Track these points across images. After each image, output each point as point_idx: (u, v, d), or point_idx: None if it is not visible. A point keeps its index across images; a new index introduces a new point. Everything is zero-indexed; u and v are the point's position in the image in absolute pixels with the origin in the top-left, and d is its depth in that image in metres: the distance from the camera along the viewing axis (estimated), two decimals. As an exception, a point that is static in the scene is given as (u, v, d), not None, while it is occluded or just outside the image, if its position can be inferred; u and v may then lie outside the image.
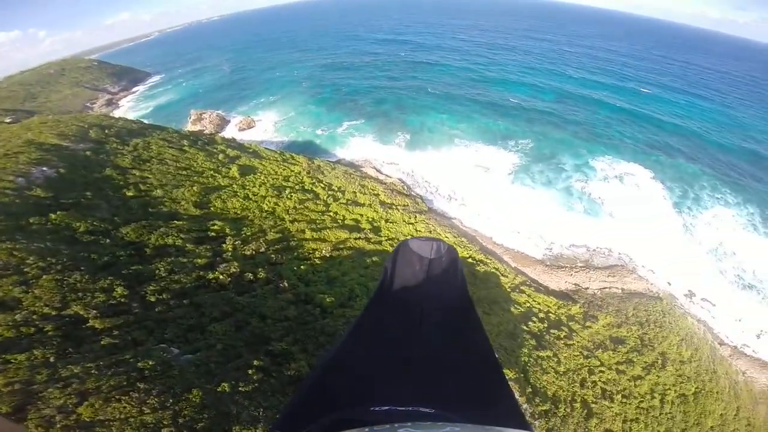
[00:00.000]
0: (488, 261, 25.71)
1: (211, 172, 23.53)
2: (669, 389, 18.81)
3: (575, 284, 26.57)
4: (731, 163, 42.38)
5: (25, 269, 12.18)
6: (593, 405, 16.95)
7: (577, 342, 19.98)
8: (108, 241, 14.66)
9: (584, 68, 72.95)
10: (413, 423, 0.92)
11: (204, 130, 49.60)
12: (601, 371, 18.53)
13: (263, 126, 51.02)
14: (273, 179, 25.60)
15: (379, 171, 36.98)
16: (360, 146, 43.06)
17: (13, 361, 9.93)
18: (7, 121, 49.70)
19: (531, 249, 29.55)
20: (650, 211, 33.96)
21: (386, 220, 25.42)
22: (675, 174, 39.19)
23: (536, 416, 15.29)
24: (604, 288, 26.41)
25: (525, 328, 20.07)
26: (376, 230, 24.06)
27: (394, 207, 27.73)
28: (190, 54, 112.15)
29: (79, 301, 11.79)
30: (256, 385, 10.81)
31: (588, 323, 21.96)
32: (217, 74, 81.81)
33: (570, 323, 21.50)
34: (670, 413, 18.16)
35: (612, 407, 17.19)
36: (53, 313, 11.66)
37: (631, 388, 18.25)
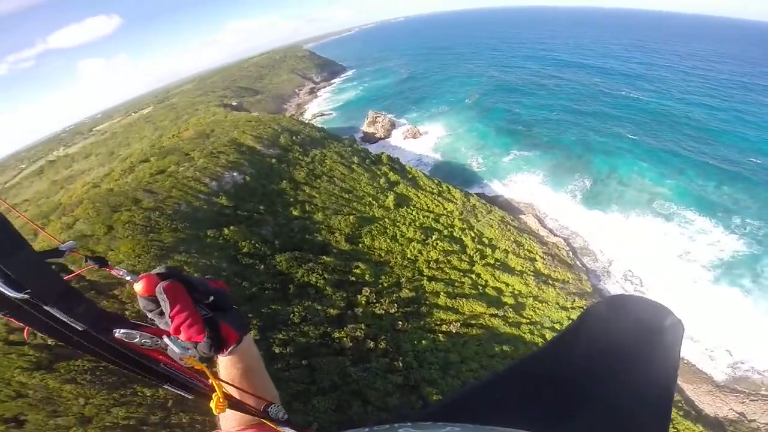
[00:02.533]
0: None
1: (370, 198, 23.56)
2: None
3: (740, 414, 19.14)
4: None
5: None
6: None
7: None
8: (262, 267, 15.53)
9: None
10: (414, 423, 0.91)
11: (375, 134, 52.89)
12: None
13: (427, 139, 50.93)
14: (424, 217, 24.17)
15: (542, 223, 31.76)
16: (525, 184, 38.10)
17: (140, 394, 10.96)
18: (233, 104, 62.49)
19: (706, 364, 21.85)
20: None
21: (535, 298, 21.16)
22: None
23: None
24: (779, 426, 18.43)
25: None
26: (519, 308, 20.22)
27: (550, 282, 22.91)
28: (376, 53, 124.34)
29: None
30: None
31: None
32: (395, 77, 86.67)
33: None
34: None
35: None
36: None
37: None
